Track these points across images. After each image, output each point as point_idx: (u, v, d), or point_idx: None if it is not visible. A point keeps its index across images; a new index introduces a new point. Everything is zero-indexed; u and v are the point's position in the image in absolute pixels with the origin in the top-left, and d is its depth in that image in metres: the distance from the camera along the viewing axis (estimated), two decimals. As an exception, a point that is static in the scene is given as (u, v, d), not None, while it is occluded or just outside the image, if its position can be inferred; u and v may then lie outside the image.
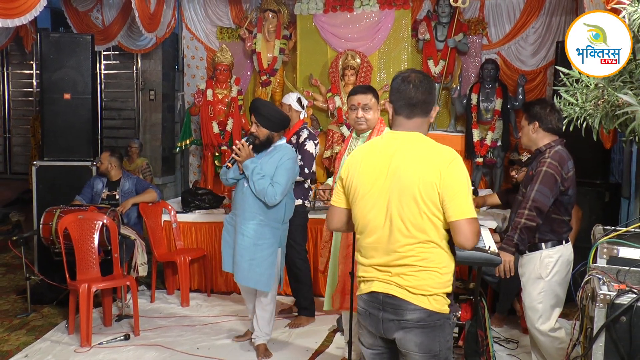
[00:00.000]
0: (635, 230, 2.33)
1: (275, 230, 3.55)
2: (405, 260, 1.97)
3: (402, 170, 1.97)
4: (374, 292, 2.04)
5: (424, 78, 2.08)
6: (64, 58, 5.03)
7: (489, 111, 5.68)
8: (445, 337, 2.03)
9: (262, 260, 3.50)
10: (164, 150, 7.18)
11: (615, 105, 2.51)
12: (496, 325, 4.19)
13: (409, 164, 1.97)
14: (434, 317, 1.98)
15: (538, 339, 2.98)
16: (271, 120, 3.51)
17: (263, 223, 3.50)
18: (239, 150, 3.46)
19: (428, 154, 1.98)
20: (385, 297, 2.02)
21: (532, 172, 2.95)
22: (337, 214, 2.20)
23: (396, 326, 2.01)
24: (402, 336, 2.01)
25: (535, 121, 2.98)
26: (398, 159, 1.99)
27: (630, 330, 1.83)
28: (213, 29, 6.61)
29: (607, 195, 4.83)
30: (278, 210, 3.53)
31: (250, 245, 3.49)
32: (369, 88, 3.28)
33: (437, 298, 1.98)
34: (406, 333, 2.00)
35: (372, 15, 5.88)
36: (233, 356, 3.73)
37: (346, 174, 2.13)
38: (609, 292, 1.88)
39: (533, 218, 2.82)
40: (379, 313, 2.04)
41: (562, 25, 5.79)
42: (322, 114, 5.92)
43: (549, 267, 2.91)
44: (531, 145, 3.05)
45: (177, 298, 4.89)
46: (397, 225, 1.97)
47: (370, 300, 2.06)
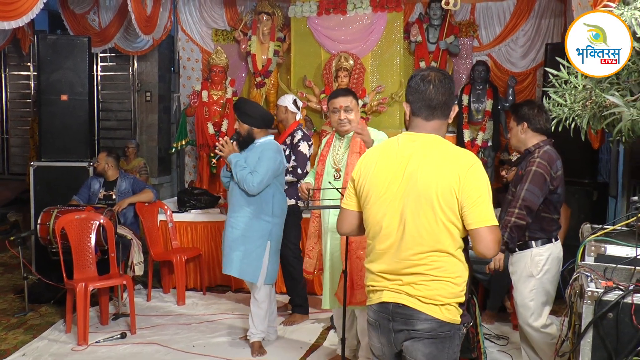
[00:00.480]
0: (622, 228, 2.34)
1: (264, 224, 3.60)
2: (417, 269, 1.88)
3: (418, 175, 1.86)
4: (384, 302, 1.95)
5: (444, 77, 1.94)
6: (61, 60, 5.06)
7: (479, 112, 5.76)
8: (454, 349, 1.94)
9: (249, 252, 3.58)
10: (160, 151, 7.20)
11: (602, 106, 2.53)
12: (487, 322, 4.23)
13: (426, 168, 1.86)
14: (445, 328, 1.90)
15: (530, 335, 3.00)
16: (250, 116, 3.62)
17: (252, 216, 3.58)
18: (222, 147, 3.59)
19: (447, 157, 1.87)
20: (395, 306, 1.92)
21: (521, 171, 2.97)
22: (348, 217, 2.09)
23: (405, 336, 1.93)
24: (411, 345, 1.93)
25: (523, 122, 3.00)
26: (415, 163, 1.88)
27: (617, 326, 1.83)
28: (208, 31, 6.67)
29: (595, 194, 4.88)
30: (266, 203, 3.59)
31: (238, 237, 3.58)
32: (348, 91, 3.38)
33: (450, 308, 1.89)
34: (415, 342, 1.91)
35: (365, 18, 5.93)
36: (228, 353, 3.76)
37: (358, 175, 2.02)
38: (596, 289, 1.89)
39: (523, 217, 2.84)
40: (388, 324, 1.95)
41: (550, 28, 5.88)
42: (315, 114, 5.97)
43: (539, 265, 2.93)
44: (520, 145, 3.07)
45: (173, 297, 4.92)
46: (410, 232, 1.87)
47: (380, 311, 1.97)
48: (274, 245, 3.70)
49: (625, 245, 2.13)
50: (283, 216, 3.76)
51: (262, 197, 3.57)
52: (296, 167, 4.17)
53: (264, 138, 3.69)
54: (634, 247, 2.08)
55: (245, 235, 3.59)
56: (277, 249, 3.77)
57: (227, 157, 3.58)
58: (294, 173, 4.17)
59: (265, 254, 3.63)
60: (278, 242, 3.76)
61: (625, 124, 2.23)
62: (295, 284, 4.37)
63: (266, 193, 3.59)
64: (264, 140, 3.67)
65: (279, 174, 3.64)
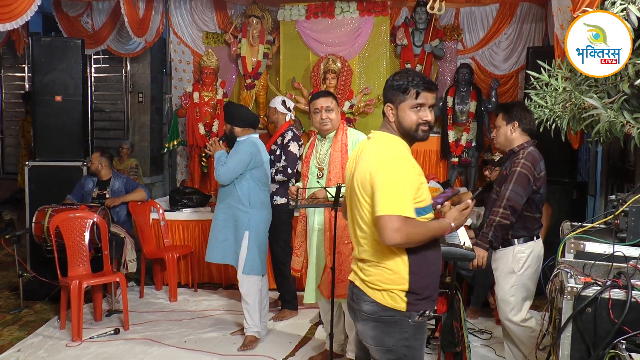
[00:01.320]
0: (600, 226, 2.39)
1: (242, 214, 3.79)
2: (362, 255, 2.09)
3: (358, 166, 2.11)
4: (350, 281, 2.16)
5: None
6: (55, 61, 5.09)
7: (463, 113, 5.84)
8: (403, 335, 2.02)
9: (227, 239, 3.83)
10: (152, 151, 7.23)
11: (581, 108, 2.59)
12: (471, 317, 4.31)
13: (360, 161, 2.12)
14: (388, 313, 2.00)
15: (511, 329, 3.05)
16: (229, 116, 3.91)
17: (230, 206, 3.82)
18: (211, 146, 3.91)
19: (369, 151, 2.11)
20: (352, 285, 2.14)
21: (505, 171, 3.00)
22: None
23: (356, 316, 2.10)
24: (361, 327, 2.08)
25: (514, 121, 3.00)
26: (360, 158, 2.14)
27: (595, 320, 1.89)
28: (199, 34, 6.71)
29: (575, 193, 4.98)
30: (242, 194, 3.80)
31: (218, 226, 3.85)
32: (328, 93, 3.52)
33: (392, 294, 2.00)
34: (364, 325, 2.06)
35: (352, 22, 5.98)
36: (219, 349, 3.82)
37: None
38: (575, 284, 1.94)
39: (507, 216, 2.88)
40: (351, 302, 2.14)
41: (532, 32, 5.99)
42: (304, 115, 6.03)
43: (521, 261, 2.97)
44: (507, 145, 3.07)
45: (165, 293, 4.97)
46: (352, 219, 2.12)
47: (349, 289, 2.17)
48: (254, 237, 3.81)
49: (603, 242, 2.18)
50: (263, 209, 3.89)
51: (237, 189, 3.80)
52: (286, 166, 4.25)
53: (245, 136, 3.89)
54: (611, 244, 2.14)
55: (225, 225, 3.84)
56: (260, 242, 3.86)
57: (214, 153, 3.87)
58: (284, 172, 4.26)
59: (243, 243, 3.79)
60: (259, 234, 3.86)
61: (603, 125, 2.31)
62: (285, 281, 4.45)
63: (240, 184, 3.79)
64: (244, 138, 3.88)
65: (252, 167, 3.81)
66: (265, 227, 3.94)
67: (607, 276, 2.05)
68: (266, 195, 3.96)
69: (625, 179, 4.38)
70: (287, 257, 4.34)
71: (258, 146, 3.87)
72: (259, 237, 3.86)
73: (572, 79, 2.78)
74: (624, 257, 2.10)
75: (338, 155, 3.36)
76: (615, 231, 2.22)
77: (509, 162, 3.02)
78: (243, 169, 3.78)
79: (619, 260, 2.10)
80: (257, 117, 4.19)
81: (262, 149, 3.92)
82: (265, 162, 3.94)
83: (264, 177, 3.91)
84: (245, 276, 3.80)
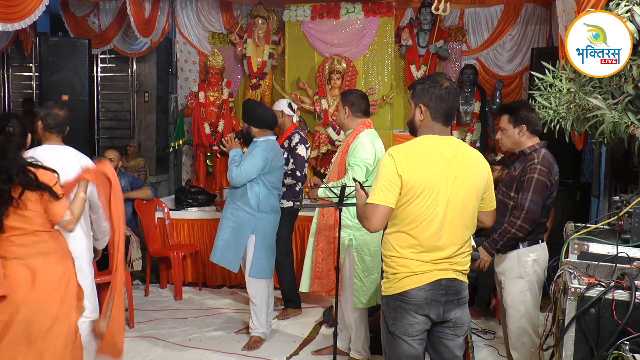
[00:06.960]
0: (603, 227, 2.39)
1: (249, 217, 3.74)
2: (462, 249, 2.26)
3: (466, 172, 2.18)
4: (440, 280, 2.17)
5: (455, 88, 2.25)
6: (62, 61, 5.13)
7: (468, 114, 5.85)
8: None
9: (231, 241, 3.77)
10: (157, 150, 7.25)
11: (585, 109, 2.57)
12: (474, 317, 4.29)
13: (471, 166, 2.20)
14: None
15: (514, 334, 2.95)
16: (247, 115, 3.85)
17: (238, 208, 3.77)
18: (226, 142, 3.86)
19: (477, 157, 2.27)
20: (448, 281, 2.19)
21: (515, 172, 2.91)
22: (384, 213, 2.16)
23: (453, 306, 2.21)
24: (461, 312, 2.23)
25: (522, 124, 2.90)
26: (460, 162, 2.17)
27: (598, 321, 1.90)
28: (205, 34, 6.74)
29: (578, 194, 4.98)
30: (251, 198, 3.73)
31: (225, 226, 3.79)
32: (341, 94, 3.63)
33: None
34: (463, 309, 2.25)
35: (357, 22, 6.00)
36: (223, 347, 3.84)
37: (405, 173, 2.13)
38: (579, 285, 1.95)
39: (523, 230, 2.78)
40: (442, 298, 2.17)
41: (536, 34, 5.99)
42: (309, 116, 6.05)
43: (527, 266, 2.89)
44: (515, 148, 2.97)
45: (170, 292, 5.01)
46: (452, 221, 2.17)
47: (432, 289, 2.17)
48: (261, 240, 3.78)
49: (607, 243, 2.19)
50: (272, 214, 3.85)
51: (248, 192, 3.74)
52: (295, 169, 4.26)
53: (263, 137, 3.84)
54: (615, 245, 2.14)
55: (230, 225, 3.78)
56: (267, 246, 3.84)
57: (229, 151, 3.82)
58: (292, 175, 4.27)
59: (249, 247, 3.76)
60: (267, 238, 3.83)
61: (607, 126, 2.30)
62: (285, 280, 4.47)
63: (252, 188, 3.74)
64: (261, 139, 3.83)
65: (267, 172, 3.75)
66: (273, 231, 3.90)
67: (611, 277, 2.06)
68: (276, 200, 3.90)
69: (629, 180, 4.38)
70: (283, 257, 4.37)
71: (275, 151, 3.83)
72: (265, 241, 3.83)
73: (576, 80, 2.78)
74: (628, 258, 2.10)
75: (339, 155, 3.46)
76: (619, 232, 2.22)
77: (519, 164, 2.93)
78: (256, 174, 3.71)
79: (622, 261, 2.10)
80: (276, 118, 4.07)
81: (278, 153, 3.88)
82: (280, 167, 3.90)
83: (276, 182, 3.87)
84: (252, 279, 3.80)
